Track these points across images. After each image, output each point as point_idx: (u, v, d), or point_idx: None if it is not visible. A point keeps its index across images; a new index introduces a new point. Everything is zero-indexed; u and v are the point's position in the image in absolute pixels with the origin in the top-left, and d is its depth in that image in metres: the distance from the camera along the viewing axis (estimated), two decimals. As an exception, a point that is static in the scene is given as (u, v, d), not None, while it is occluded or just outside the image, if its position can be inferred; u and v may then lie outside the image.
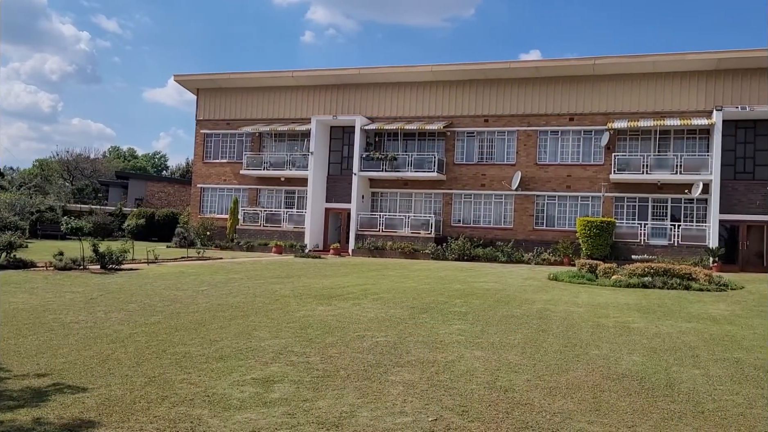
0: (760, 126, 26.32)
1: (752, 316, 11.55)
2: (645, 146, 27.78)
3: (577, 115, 28.64)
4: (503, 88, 29.81)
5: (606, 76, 28.27)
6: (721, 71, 26.85)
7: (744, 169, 26.61)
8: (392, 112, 31.67)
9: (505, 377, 6.82)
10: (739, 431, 5.31)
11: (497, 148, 30.01)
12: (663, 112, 27.49)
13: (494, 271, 20.98)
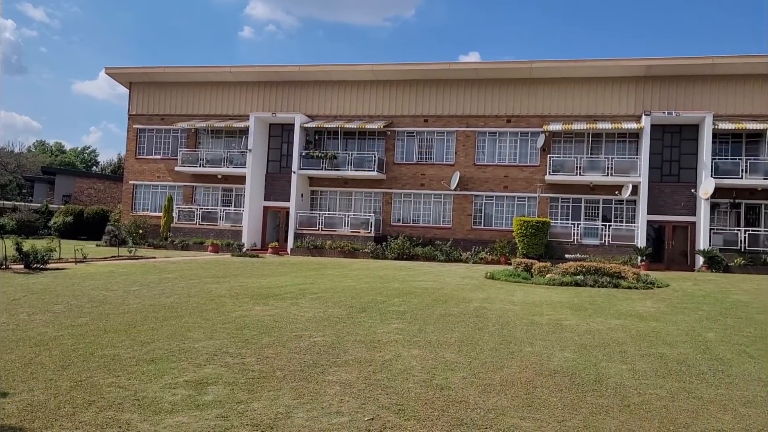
0: (686, 131, 27.57)
1: (676, 313, 12.05)
2: (578, 148, 28.65)
3: (514, 117, 29.28)
4: (443, 88, 30.16)
5: (542, 80, 29.01)
6: (650, 77, 27.98)
7: (670, 171, 27.81)
8: (332, 110, 31.55)
9: (441, 375, 6.87)
10: (662, 423, 5.52)
11: (437, 148, 30.35)
12: (596, 116, 28.42)
13: (433, 270, 21.18)
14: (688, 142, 27.55)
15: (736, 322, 11.07)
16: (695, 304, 13.40)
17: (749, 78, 26.94)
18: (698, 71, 27.26)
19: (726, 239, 26.04)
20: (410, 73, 30.14)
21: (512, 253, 26.60)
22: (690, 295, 15.11)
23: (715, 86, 27.36)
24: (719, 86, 27.30)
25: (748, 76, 26.93)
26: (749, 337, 9.60)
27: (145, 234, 30.76)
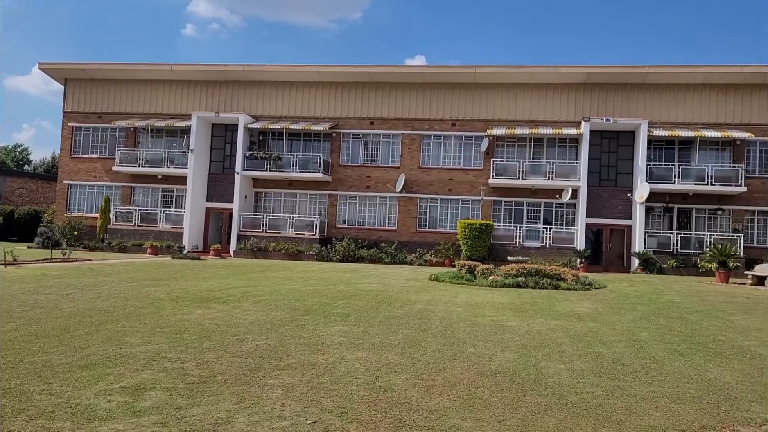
0: (623, 137, 28.53)
1: (612, 313, 12.43)
2: (521, 153, 29.27)
3: (458, 121, 29.67)
4: (389, 91, 30.30)
5: (486, 85, 29.51)
6: (589, 85, 28.84)
7: (608, 176, 28.73)
8: (277, 111, 31.23)
9: (385, 377, 6.87)
10: (597, 420, 5.68)
11: (382, 151, 30.45)
12: (537, 121, 29.10)
13: (378, 272, 21.21)
14: (625, 148, 28.52)
15: (668, 321, 11.50)
16: (630, 305, 13.86)
17: (681, 87, 28.11)
18: (634, 80, 28.27)
19: (660, 242, 27.06)
20: (356, 75, 30.16)
21: (456, 255, 26.92)
22: (626, 296, 15.61)
23: (649, 95, 28.42)
24: (653, 95, 28.38)
25: (680, 85, 28.09)
26: (680, 336, 9.98)
27: (81, 236, 29.68)
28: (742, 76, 27.23)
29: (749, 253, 26.29)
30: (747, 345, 9.40)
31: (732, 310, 13.16)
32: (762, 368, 7.93)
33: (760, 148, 27.67)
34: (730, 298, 15.43)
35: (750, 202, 27.37)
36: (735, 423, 5.77)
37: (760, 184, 27.34)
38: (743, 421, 5.81)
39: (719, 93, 27.94)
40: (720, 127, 27.60)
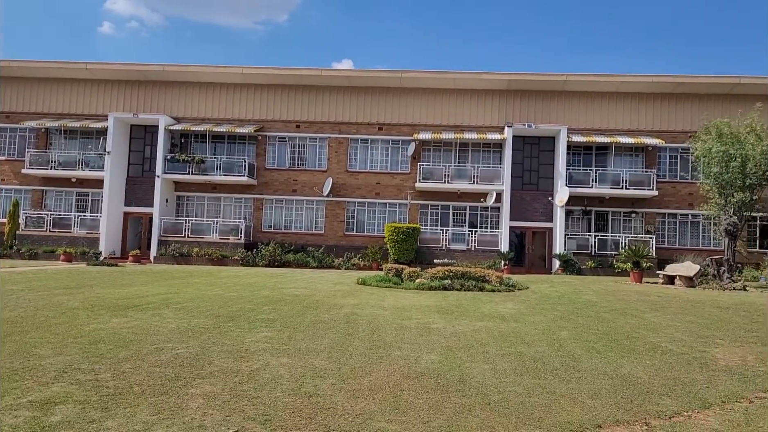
0: (544, 142, 29.48)
1: (534, 314, 12.76)
2: (447, 157, 29.72)
3: (385, 125, 29.84)
4: (315, 94, 30.12)
5: (412, 89, 29.82)
6: (512, 91, 29.65)
7: (530, 180, 29.59)
8: (200, 113, 30.46)
9: (310, 383, 6.79)
10: (519, 418, 5.79)
11: (309, 154, 30.22)
12: (463, 126, 29.64)
13: (305, 276, 21.00)
14: (546, 153, 29.47)
15: (587, 320, 11.91)
16: (551, 305, 14.27)
17: (597, 95, 29.34)
18: (554, 87, 29.28)
19: (579, 243, 28.10)
20: (282, 77, 29.81)
21: (384, 258, 27.03)
22: (547, 297, 16.07)
23: (568, 102, 29.51)
24: (572, 102, 29.49)
25: (596, 93, 29.32)
26: (597, 334, 10.35)
27: (-13, 242, 27.92)
28: (652, 85, 28.69)
29: (661, 253, 27.68)
30: (658, 341, 9.85)
31: (645, 308, 13.78)
32: (672, 363, 8.32)
33: (669, 153, 29.21)
34: (644, 297, 16.16)
35: (661, 205, 28.83)
36: (647, 416, 6.01)
37: (670, 188, 28.85)
38: (655, 414, 6.07)
39: (632, 101, 29.33)
40: (633, 133, 28.97)
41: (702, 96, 28.90)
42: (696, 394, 6.79)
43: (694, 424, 5.81)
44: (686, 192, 28.58)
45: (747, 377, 7.64)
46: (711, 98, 28.80)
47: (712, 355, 8.86)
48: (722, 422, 5.87)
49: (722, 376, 7.65)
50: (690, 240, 28.82)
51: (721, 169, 21.75)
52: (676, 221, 29.00)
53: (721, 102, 28.51)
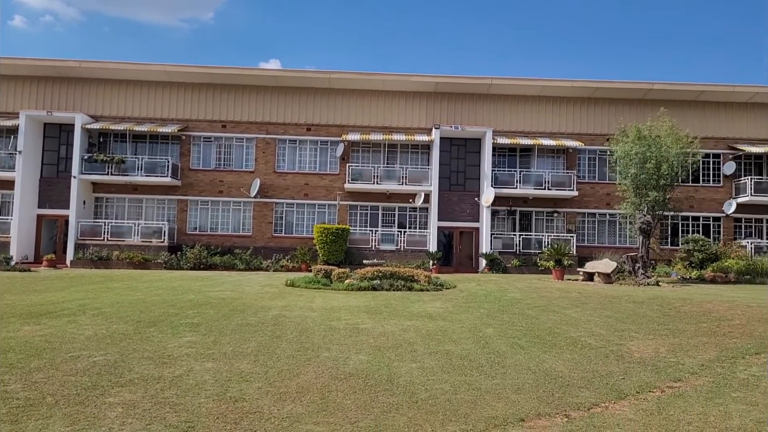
0: (470, 144, 30.05)
1: (461, 312, 12.99)
2: (375, 158, 29.82)
3: (314, 126, 29.63)
4: (242, 94, 29.56)
5: (341, 90, 29.76)
6: (439, 94, 30.07)
7: (457, 181, 30.09)
8: (121, 111, 29.31)
9: (236, 387, 6.67)
10: (445, 415, 5.87)
11: (236, 155, 29.61)
12: (391, 128, 29.82)
13: (232, 279, 20.58)
14: (473, 155, 30.05)
15: (511, 317, 12.22)
16: (478, 303, 14.57)
17: (521, 98, 30.17)
18: (479, 90, 29.89)
19: (504, 243, 28.81)
20: (207, 76, 29.09)
21: (313, 260, 26.84)
22: (474, 295, 16.39)
23: (494, 104, 30.19)
24: (497, 104, 30.19)
25: (520, 96, 30.14)
26: (521, 331, 10.64)
27: None
28: (572, 89, 29.78)
29: (581, 251, 28.75)
30: (578, 336, 10.22)
31: (566, 305, 14.27)
32: (590, 356, 8.65)
33: (588, 155, 30.38)
34: (565, 294, 16.74)
35: (581, 205, 29.95)
36: (567, 408, 6.22)
37: (589, 189, 30.02)
38: (574, 406, 6.28)
39: (554, 104, 30.33)
40: (555, 136, 29.97)
41: (618, 100, 30.22)
42: (612, 386, 7.07)
43: (611, 414, 6.06)
44: (604, 192, 29.80)
45: (659, 368, 8.03)
46: (626, 102, 30.16)
47: (627, 348, 9.26)
48: (636, 412, 6.15)
49: (637, 368, 8.01)
50: (608, 238, 30.05)
51: (637, 170, 22.80)
52: (595, 220, 30.19)
53: (636, 106, 29.89)
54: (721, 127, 30.10)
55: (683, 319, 11.84)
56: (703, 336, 10.16)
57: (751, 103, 30.10)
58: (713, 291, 18.01)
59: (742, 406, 6.36)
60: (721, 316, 11.99)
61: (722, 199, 29.75)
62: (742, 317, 11.70)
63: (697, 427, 5.69)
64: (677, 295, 16.20)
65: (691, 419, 5.91)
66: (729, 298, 15.14)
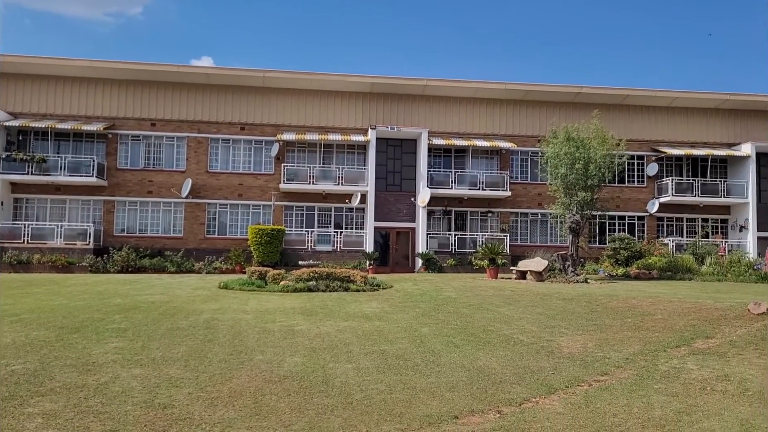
0: (406, 144, 30.25)
1: (397, 312, 13.04)
2: (311, 158, 29.60)
3: (248, 125, 29.13)
4: (172, 92, 28.72)
5: (276, 89, 29.37)
6: (375, 94, 30.13)
7: (394, 182, 30.23)
8: (42, 108, 27.95)
9: (165, 393, 6.47)
10: (380, 415, 5.86)
11: (166, 154, 28.75)
12: (327, 128, 29.66)
13: (162, 282, 19.97)
14: (409, 155, 30.26)
15: (446, 316, 12.36)
16: (414, 303, 14.66)
17: (456, 100, 30.60)
18: (415, 91, 30.15)
19: (440, 242, 29.15)
20: (136, 72, 28.13)
21: (248, 261, 26.37)
22: (410, 295, 16.48)
23: (429, 105, 30.51)
24: (433, 106, 30.52)
25: (454, 98, 30.57)
26: (456, 329, 10.76)
27: None
28: (505, 92, 30.43)
29: (514, 250, 29.39)
30: (511, 333, 10.43)
31: (499, 303, 14.55)
32: (522, 353, 8.84)
33: (521, 157, 31.13)
34: (498, 292, 17.06)
35: (514, 205, 30.65)
36: (500, 404, 6.32)
37: (521, 189, 30.75)
38: (506, 402, 6.40)
39: (488, 106, 30.91)
40: (489, 137, 30.55)
41: (549, 103, 31.10)
42: (543, 381, 7.24)
43: (541, 409, 6.20)
44: (536, 193, 30.59)
45: (587, 362, 8.28)
46: (557, 105, 31.07)
47: (557, 344, 9.52)
48: (565, 405, 6.31)
49: (566, 363, 8.23)
50: (540, 237, 30.89)
51: (566, 171, 23.51)
52: (528, 220, 30.97)
53: (566, 109, 30.83)
54: (644, 129, 31.43)
55: (610, 315, 12.27)
56: (628, 330, 10.55)
57: (672, 107, 31.57)
58: (638, 287, 18.76)
59: (663, 397, 6.63)
60: (645, 311, 12.49)
61: (646, 199, 31.08)
62: (664, 312, 12.23)
63: (622, 418, 5.89)
64: (604, 291, 16.79)
65: (617, 411, 6.11)
66: (652, 293, 15.81)
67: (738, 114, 31.91)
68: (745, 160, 30.42)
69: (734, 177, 31.22)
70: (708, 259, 26.12)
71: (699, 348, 9.09)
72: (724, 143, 31.56)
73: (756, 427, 5.59)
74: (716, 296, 15.02)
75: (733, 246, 29.41)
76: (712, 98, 31.06)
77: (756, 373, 7.63)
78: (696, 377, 7.42)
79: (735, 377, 7.39)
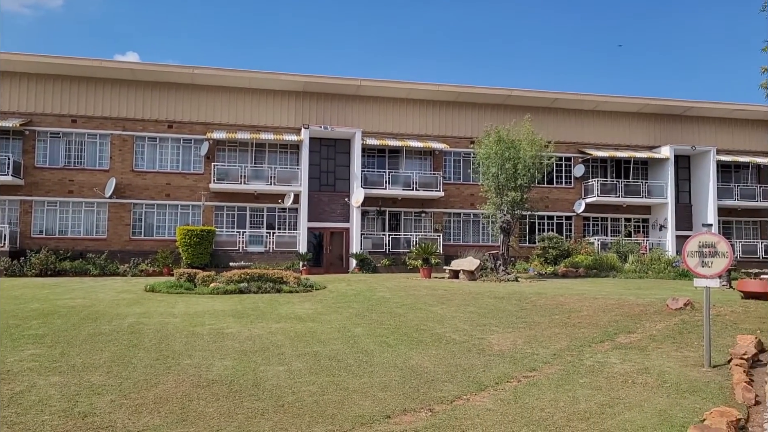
0: (340, 144, 30.14)
1: (331, 312, 12.95)
2: (243, 157, 29.03)
3: (176, 123, 28.28)
4: (95, 88, 27.52)
5: (205, 87, 28.65)
6: (308, 93, 29.87)
7: (327, 182, 30.06)
8: (-48, 102, 26.30)
9: (85, 401, 6.18)
10: (312, 417, 5.78)
11: (88, 152, 27.53)
12: (259, 126, 29.17)
13: (84, 285, 19.11)
14: (343, 155, 30.17)
15: (380, 316, 12.37)
16: (347, 303, 14.60)
17: (390, 100, 30.71)
18: (348, 91, 30.07)
19: (374, 243, 29.19)
20: (55, 67, 26.79)
21: (176, 263, 25.61)
22: (343, 295, 16.41)
23: (363, 105, 30.48)
24: (366, 106, 30.51)
25: (389, 98, 30.68)
26: (389, 329, 10.78)
27: None
28: (437, 93, 30.79)
29: (447, 250, 29.76)
30: (443, 332, 10.53)
31: (432, 302, 14.68)
32: (454, 351, 8.94)
33: (454, 157, 31.57)
34: (432, 291, 17.21)
35: (447, 206, 31.05)
36: (431, 402, 6.35)
37: (454, 190, 31.19)
38: (438, 400, 6.43)
39: (421, 107, 31.18)
40: (422, 138, 30.83)
41: (481, 105, 31.68)
42: (474, 378, 7.34)
43: (472, 406, 6.26)
44: (468, 193, 31.10)
45: (516, 359, 8.45)
46: (488, 107, 31.69)
47: (488, 342, 9.67)
48: (495, 402, 6.41)
49: (496, 360, 8.37)
50: (472, 237, 31.41)
51: (497, 171, 24.01)
52: (460, 220, 31.44)
53: (497, 111, 31.48)
54: (572, 132, 32.48)
55: (538, 312, 12.59)
56: (556, 327, 10.85)
57: (598, 111, 32.77)
58: (566, 285, 19.35)
59: (588, 390, 6.83)
60: (572, 308, 12.88)
61: (573, 200, 32.12)
62: (590, 308, 12.65)
63: (549, 413, 6.03)
64: (534, 289, 17.22)
65: (544, 406, 6.25)
66: (579, 291, 16.34)
67: (658, 118, 33.45)
68: (664, 162, 31.91)
69: (654, 178, 32.70)
70: (630, 257, 27.25)
71: (621, 343, 9.44)
72: (646, 146, 32.99)
73: (673, 417, 5.83)
74: (638, 293, 15.68)
75: (653, 244, 30.76)
76: (634, 102, 32.43)
77: (674, 365, 7.98)
78: (618, 371, 7.69)
79: (654, 370, 7.70)
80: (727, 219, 33.01)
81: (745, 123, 34.08)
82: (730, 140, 33.77)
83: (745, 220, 33.47)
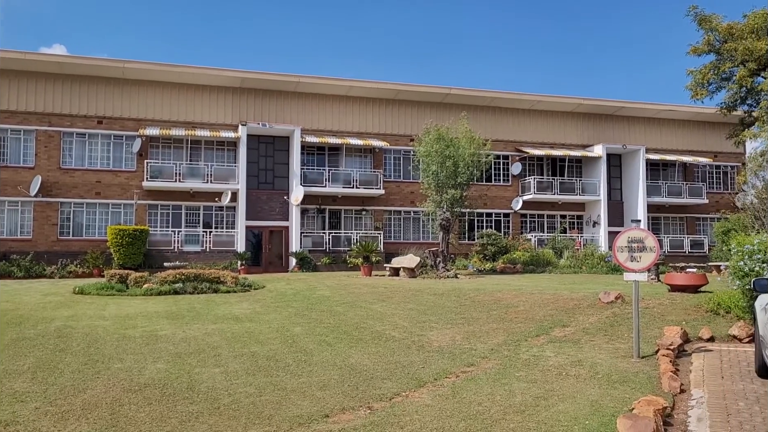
0: (279, 142, 29.75)
1: (269, 312, 12.77)
2: (178, 155, 28.26)
3: (106, 119, 27.25)
4: (18, 81, 26.20)
5: (137, 81, 27.73)
6: (246, 89, 29.35)
7: (266, 180, 29.63)
8: None
9: (8, 409, 5.89)
10: (249, 419, 5.66)
11: (11, 149, 26.17)
12: (195, 123, 28.46)
13: (7, 288, 18.19)
14: (281, 153, 29.79)
15: (320, 315, 12.27)
16: (286, 302, 14.42)
17: (329, 98, 30.53)
18: (287, 88, 29.72)
19: (314, 241, 28.98)
20: (-25, 59, 25.44)
21: (108, 264, 24.70)
22: (283, 294, 16.20)
23: (302, 103, 30.19)
24: (306, 103, 30.23)
25: (328, 96, 30.49)
26: (329, 327, 10.70)
27: None
28: (376, 91, 30.83)
29: (388, 247, 29.85)
30: (383, 329, 10.53)
31: (372, 300, 14.68)
32: (394, 348, 8.94)
33: (394, 155, 31.68)
34: (372, 289, 17.20)
35: (388, 203, 31.14)
36: (371, 400, 6.33)
37: (395, 187, 31.31)
38: (377, 398, 6.41)
39: (361, 105, 31.15)
40: (362, 135, 30.79)
41: (420, 103, 31.90)
42: (413, 375, 7.35)
43: (411, 402, 6.27)
44: (409, 191, 31.27)
45: (455, 355, 8.53)
46: (427, 105, 31.94)
47: (428, 338, 9.73)
48: (434, 398, 6.44)
49: (435, 356, 8.43)
50: (412, 234, 31.61)
51: (437, 168, 24.24)
52: (401, 218, 31.59)
53: (436, 109, 31.76)
54: (509, 130, 33.11)
55: (477, 308, 12.76)
56: (494, 322, 11.02)
57: (534, 110, 33.54)
58: (504, 281, 19.71)
59: (524, 384, 6.96)
60: (509, 303, 13.12)
61: (511, 197, 32.78)
62: (526, 303, 12.91)
63: (486, 406, 6.10)
64: (473, 286, 17.45)
65: (481, 400, 6.32)
66: (516, 287, 16.65)
67: (591, 117, 34.53)
68: (597, 161, 32.97)
69: (588, 176, 33.75)
70: (566, 253, 28.02)
71: (556, 336, 9.67)
72: (580, 144, 33.99)
73: (604, 407, 6.00)
74: (572, 287, 16.12)
75: (587, 240, 31.75)
76: (569, 102, 33.35)
77: (605, 357, 8.23)
78: (553, 364, 7.87)
79: (587, 362, 7.92)
80: (656, 215, 34.38)
81: (673, 123, 35.62)
82: (658, 139, 35.21)
83: (673, 216, 34.94)
